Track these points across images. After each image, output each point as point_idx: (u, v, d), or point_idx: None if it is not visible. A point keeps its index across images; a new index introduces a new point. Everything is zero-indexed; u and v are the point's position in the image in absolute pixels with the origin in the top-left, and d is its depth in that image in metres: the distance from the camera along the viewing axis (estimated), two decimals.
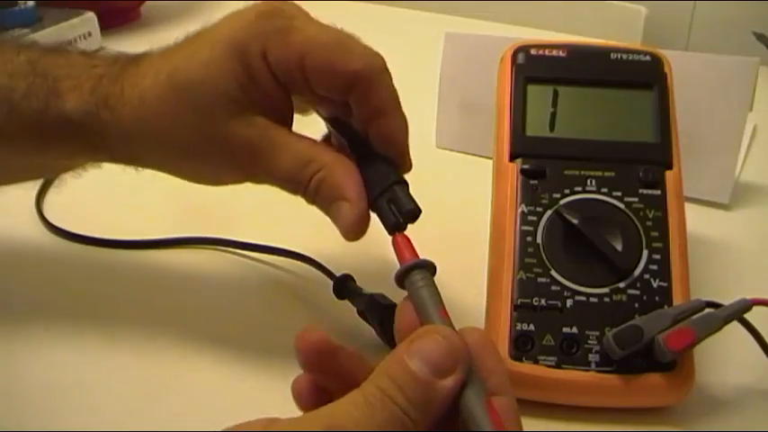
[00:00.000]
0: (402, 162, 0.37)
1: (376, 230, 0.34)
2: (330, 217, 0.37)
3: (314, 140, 0.38)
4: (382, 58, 0.36)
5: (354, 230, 0.35)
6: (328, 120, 0.39)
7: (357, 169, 0.36)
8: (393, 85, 0.36)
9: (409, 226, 0.34)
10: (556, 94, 0.45)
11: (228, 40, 0.35)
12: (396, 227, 0.34)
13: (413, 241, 0.33)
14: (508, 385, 0.29)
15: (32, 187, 0.56)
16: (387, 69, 0.36)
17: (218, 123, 0.36)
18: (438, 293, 0.31)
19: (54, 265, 0.50)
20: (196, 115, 0.36)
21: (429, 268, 0.32)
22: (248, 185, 0.60)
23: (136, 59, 0.39)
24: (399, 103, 0.37)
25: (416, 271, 0.31)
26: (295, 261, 0.48)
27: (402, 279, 0.32)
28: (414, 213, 0.34)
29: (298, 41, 0.35)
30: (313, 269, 0.47)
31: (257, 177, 0.38)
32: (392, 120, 0.36)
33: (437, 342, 0.27)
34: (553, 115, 0.44)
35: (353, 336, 0.43)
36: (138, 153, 0.39)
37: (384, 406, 0.26)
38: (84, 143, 0.38)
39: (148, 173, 0.41)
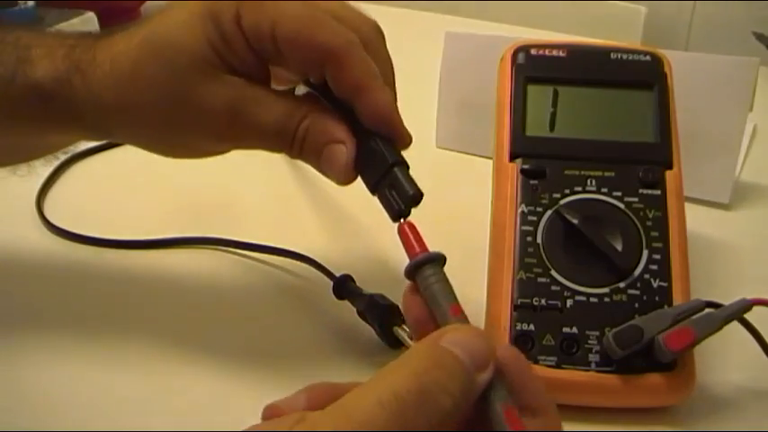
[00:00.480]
0: (397, 137, 0.36)
1: (376, 230, 0.34)
2: (320, 165, 0.36)
3: (295, 95, 0.38)
4: (355, 35, 0.35)
5: (349, 172, 0.35)
6: (318, 90, 0.38)
7: (342, 114, 0.36)
8: (370, 62, 0.35)
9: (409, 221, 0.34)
10: (556, 94, 0.45)
11: (203, 5, 0.35)
12: (399, 214, 0.33)
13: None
14: (548, 402, 0.28)
15: (32, 187, 0.56)
16: (360, 45, 0.35)
17: (193, 85, 0.35)
18: (451, 289, 0.30)
19: (54, 264, 0.50)
20: (169, 77, 0.35)
21: (440, 261, 0.31)
22: (248, 186, 0.60)
23: (109, 31, 0.38)
24: (379, 78, 0.35)
25: (428, 266, 0.30)
26: (295, 261, 0.48)
27: (413, 274, 0.31)
28: (416, 198, 0.33)
29: (270, 9, 0.35)
30: (313, 269, 0.47)
31: (240, 139, 0.37)
32: (373, 95, 0.35)
33: (474, 335, 0.26)
34: (553, 115, 0.44)
35: (353, 336, 0.43)
36: (110, 121, 0.38)
37: (419, 400, 0.24)
38: (54, 114, 0.38)
39: (148, 173, 0.41)
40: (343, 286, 0.44)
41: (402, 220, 0.33)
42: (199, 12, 0.35)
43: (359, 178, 0.36)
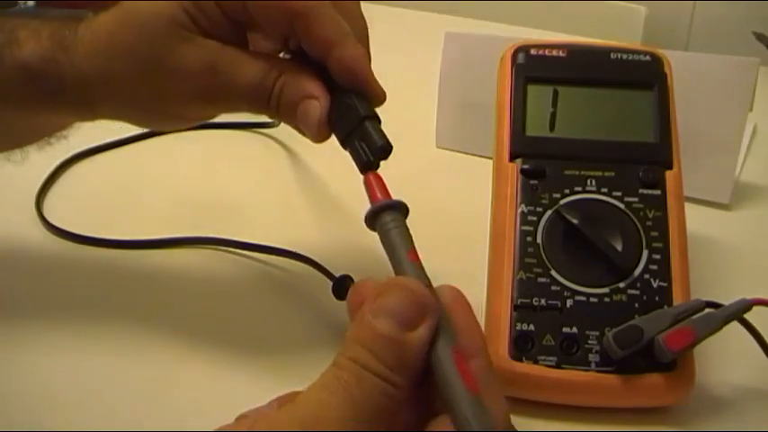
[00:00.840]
0: (370, 93, 0.36)
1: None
2: (297, 121, 0.36)
3: (270, 54, 0.38)
4: None
5: (323, 127, 0.35)
6: (293, 53, 0.39)
7: (318, 71, 0.36)
8: (339, 20, 0.36)
9: (409, 220, 0.34)
10: (556, 94, 0.45)
11: None
12: (367, 166, 0.32)
13: (412, 238, 0.32)
14: (483, 345, 0.28)
15: (32, 187, 0.56)
16: (331, 6, 0.36)
17: (168, 49, 0.36)
18: (409, 235, 0.30)
19: (53, 265, 0.50)
20: (145, 43, 0.36)
21: (401, 209, 0.30)
22: (247, 186, 0.60)
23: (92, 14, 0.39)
24: (350, 34, 0.36)
25: (387, 212, 0.30)
26: (295, 261, 0.48)
27: (372, 221, 0.30)
28: (384, 149, 0.33)
29: None
30: (312, 269, 0.47)
31: (219, 101, 0.38)
32: (344, 50, 0.35)
33: (401, 294, 0.27)
34: (553, 115, 0.44)
35: None
36: (94, 94, 0.38)
37: (359, 381, 0.25)
38: (42, 92, 0.38)
39: (148, 173, 0.41)
40: (343, 286, 0.44)
41: (369, 172, 0.32)
42: None
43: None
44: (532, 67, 0.45)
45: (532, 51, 0.46)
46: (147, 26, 0.36)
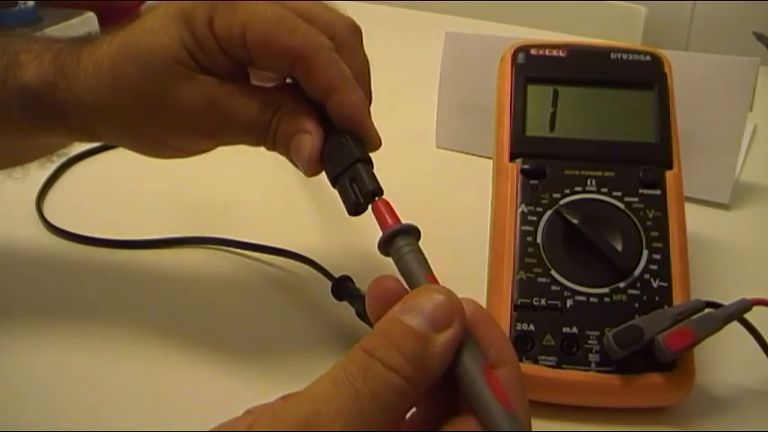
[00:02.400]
0: (367, 139, 0.36)
1: (375, 231, 0.34)
2: (291, 153, 0.37)
3: (268, 86, 0.39)
4: (327, 39, 0.36)
5: (314, 162, 0.35)
6: (294, 80, 0.39)
7: (315, 107, 0.37)
8: (340, 64, 0.36)
9: (409, 220, 0.34)
10: (556, 94, 0.45)
11: (178, 8, 0.37)
12: (356, 207, 0.32)
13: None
14: (511, 353, 0.28)
15: (33, 188, 0.56)
16: (332, 49, 0.36)
17: (168, 85, 0.37)
18: (425, 259, 0.30)
19: (53, 265, 0.50)
20: (146, 78, 0.37)
21: (413, 233, 0.30)
22: (248, 186, 0.60)
23: (94, 37, 0.40)
24: (350, 79, 0.36)
25: (401, 237, 0.30)
26: (294, 261, 0.48)
27: (386, 247, 0.30)
28: (375, 194, 0.32)
29: (241, 12, 0.35)
30: (312, 270, 0.47)
31: (218, 136, 0.39)
32: (343, 96, 0.36)
33: (432, 296, 0.27)
34: (553, 115, 0.44)
35: (351, 337, 0.43)
36: (94, 123, 0.39)
37: (366, 373, 0.25)
38: (43, 115, 0.39)
39: (148, 173, 0.41)
40: (342, 287, 0.44)
41: (370, 205, 0.32)
42: (173, 15, 0.37)
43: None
44: (532, 67, 0.45)
45: (532, 51, 0.46)
46: (149, 62, 0.37)
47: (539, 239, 0.40)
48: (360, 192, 0.32)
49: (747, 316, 0.38)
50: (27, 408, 0.39)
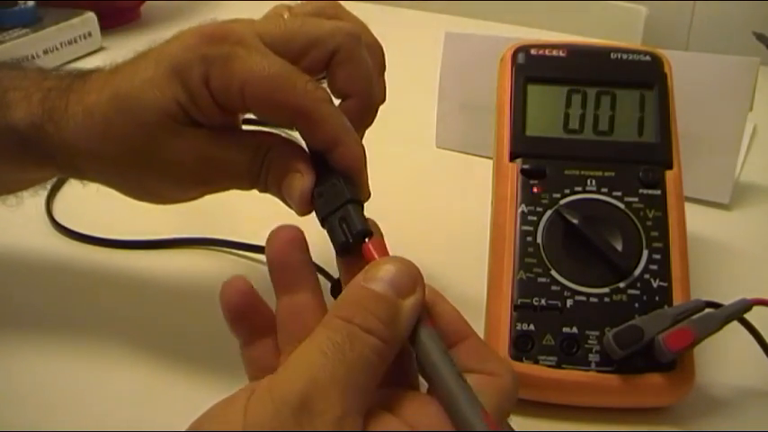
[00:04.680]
0: (360, 185, 0.36)
1: None
2: (283, 194, 0.37)
3: (258, 130, 0.38)
4: (325, 91, 0.36)
5: (305, 201, 0.35)
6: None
7: (305, 149, 0.37)
8: (340, 117, 0.36)
9: (409, 226, 0.34)
10: (556, 93, 0.45)
11: (171, 61, 0.35)
12: (345, 247, 0.32)
13: (409, 243, 0.33)
14: (470, 328, 0.30)
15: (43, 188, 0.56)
16: (331, 101, 0.36)
17: (161, 140, 0.36)
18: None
19: (58, 262, 0.51)
20: (138, 133, 0.36)
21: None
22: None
23: (84, 75, 0.39)
24: (352, 131, 0.36)
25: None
26: None
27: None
28: (365, 234, 0.32)
29: (239, 70, 0.34)
30: None
31: (210, 186, 0.39)
32: (344, 150, 0.35)
33: (393, 265, 0.28)
34: (553, 115, 0.44)
35: None
36: (83, 168, 0.39)
37: (353, 342, 0.26)
38: (31, 154, 0.39)
39: None
40: (341, 287, 0.44)
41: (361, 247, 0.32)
42: (165, 69, 0.35)
43: None
44: (532, 67, 0.45)
45: (532, 51, 0.46)
46: (140, 117, 0.36)
47: (539, 239, 0.40)
48: (349, 232, 0.32)
49: (747, 316, 0.38)
50: (27, 406, 0.39)
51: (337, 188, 0.34)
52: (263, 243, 0.49)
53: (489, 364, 0.29)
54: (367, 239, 0.31)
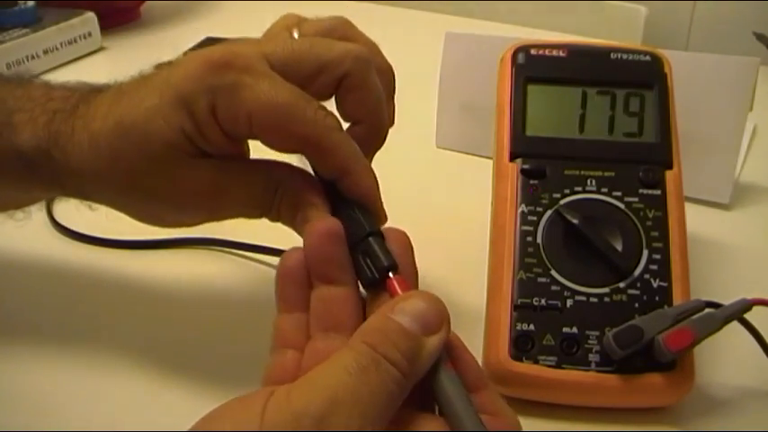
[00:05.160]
0: (376, 213, 0.36)
1: None
2: (297, 227, 0.36)
3: (268, 160, 0.37)
4: (335, 119, 0.35)
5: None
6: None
7: (317, 180, 0.36)
8: (351, 144, 0.35)
9: (409, 226, 0.34)
10: (556, 94, 0.45)
11: (177, 91, 0.34)
12: (371, 283, 0.32)
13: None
14: (486, 379, 0.31)
15: None
16: (341, 128, 0.35)
17: (168, 171, 0.35)
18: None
19: (59, 262, 0.51)
20: (145, 164, 0.35)
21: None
22: None
23: (89, 98, 0.38)
24: (363, 159, 0.35)
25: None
26: None
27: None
28: (390, 269, 0.32)
29: (246, 100, 0.34)
30: None
31: (218, 214, 0.38)
32: (355, 179, 0.35)
33: (423, 301, 0.29)
34: (553, 115, 0.44)
35: None
36: (90, 193, 0.38)
37: (377, 366, 0.26)
38: (37, 177, 0.38)
39: None
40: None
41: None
42: (171, 99, 0.34)
43: None
44: (532, 67, 0.45)
45: (532, 51, 0.46)
46: (148, 150, 0.35)
47: (539, 239, 0.40)
48: (375, 267, 0.32)
49: (747, 316, 0.38)
50: (28, 404, 0.39)
51: (354, 219, 0.34)
52: (263, 243, 0.50)
53: (503, 413, 0.29)
54: (392, 274, 0.32)
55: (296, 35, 0.39)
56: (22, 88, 0.40)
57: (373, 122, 0.37)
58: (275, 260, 0.49)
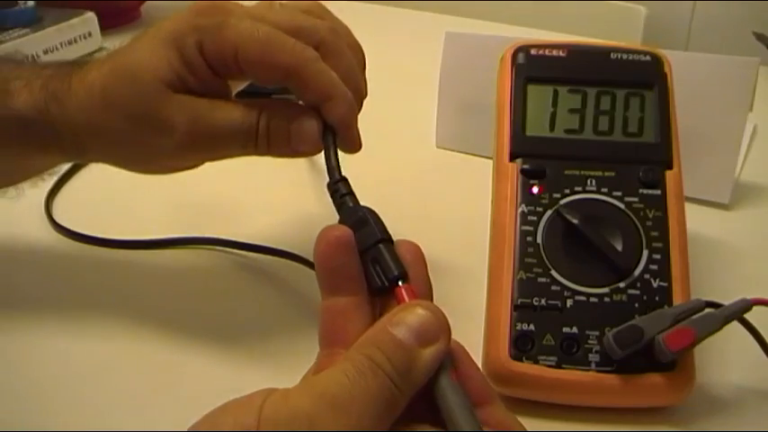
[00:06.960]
0: (349, 140, 0.39)
1: None
2: (291, 145, 0.39)
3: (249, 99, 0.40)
4: (314, 51, 0.38)
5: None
6: None
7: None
8: (329, 73, 0.38)
9: (409, 226, 0.34)
10: (556, 94, 0.45)
11: (167, 32, 0.38)
12: (380, 291, 0.32)
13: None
14: (494, 392, 0.31)
15: (42, 189, 0.56)
16: (320, 59, 0.38)
17: (156, 104, 0.38)
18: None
19: (58, 262, 0.51)
20: (134, 97, 0.38)
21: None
22: (247, 186, 0.60)
23: (82, 63, 0.41)
24: (341, 86, 0.38)
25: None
26: (292, 262, 0.48)
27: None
28: (400, 278, 0.32)
29: (231, 36, 0.37)
30: (310, 271, 0.47)
31: (206, 150, 0.40)
32: (336, 102, 0.38)
33: (420, 312, 0.29)
34: (553, 115, 0.44)
35: None
36: (86, 143, 0.40)
37: (375, 374, 0.27)
38: (35, 139, 0.40)
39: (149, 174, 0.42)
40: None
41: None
42: (162, 39, 0.38)
43: None
44: (532, 67, 0.45)
45: (532, 51, 0.46)
46: (138, 82, 0.38)
47: (539, 239, 0.40)
48: (384, 275, 0.32)
49: (747, 316, 0.38)
50: (28, 404, 0.39)
51: (365, 225, 0.34)
52: (263, 243, 0.50)
53: (508, 425, 0.29)
54: (400, 283, 0.31)
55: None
56: (15, 63, 0.43)
57: (350, 88, 0.39)
58: (274, 261, 0.49)
